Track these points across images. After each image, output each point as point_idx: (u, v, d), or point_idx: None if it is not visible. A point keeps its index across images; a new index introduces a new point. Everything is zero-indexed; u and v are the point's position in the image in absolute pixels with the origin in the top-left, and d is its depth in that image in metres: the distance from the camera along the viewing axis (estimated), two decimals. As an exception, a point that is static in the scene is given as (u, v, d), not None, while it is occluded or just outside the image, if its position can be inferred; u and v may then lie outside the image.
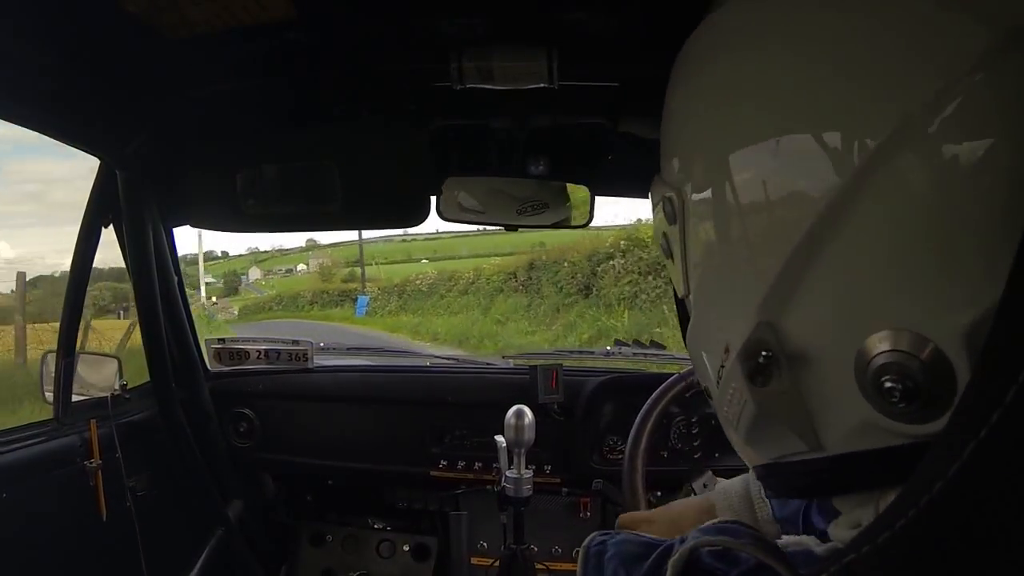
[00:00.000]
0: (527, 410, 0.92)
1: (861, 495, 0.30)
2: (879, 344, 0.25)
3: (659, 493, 1.28)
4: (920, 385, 0.24)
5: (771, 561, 0.29)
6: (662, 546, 0.34)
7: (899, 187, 0.25)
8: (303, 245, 24.41)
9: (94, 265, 1.20)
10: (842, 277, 0.26)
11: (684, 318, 0.39)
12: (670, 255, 0.37)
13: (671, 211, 0.35)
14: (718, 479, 1.18)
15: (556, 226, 1.20)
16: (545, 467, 1.32)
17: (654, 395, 1.18)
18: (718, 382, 0.33)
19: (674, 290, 0.39)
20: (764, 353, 0.29)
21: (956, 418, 0.23)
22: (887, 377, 0.25)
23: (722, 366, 0.32)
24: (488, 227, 1.19)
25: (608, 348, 1.65)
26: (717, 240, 0.32)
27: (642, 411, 1.18)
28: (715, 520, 0.36)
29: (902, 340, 0.25)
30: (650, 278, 8.27)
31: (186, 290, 1.38)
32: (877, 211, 0.25)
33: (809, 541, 0.33)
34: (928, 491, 0.22)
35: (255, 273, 23.63)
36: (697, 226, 0.33)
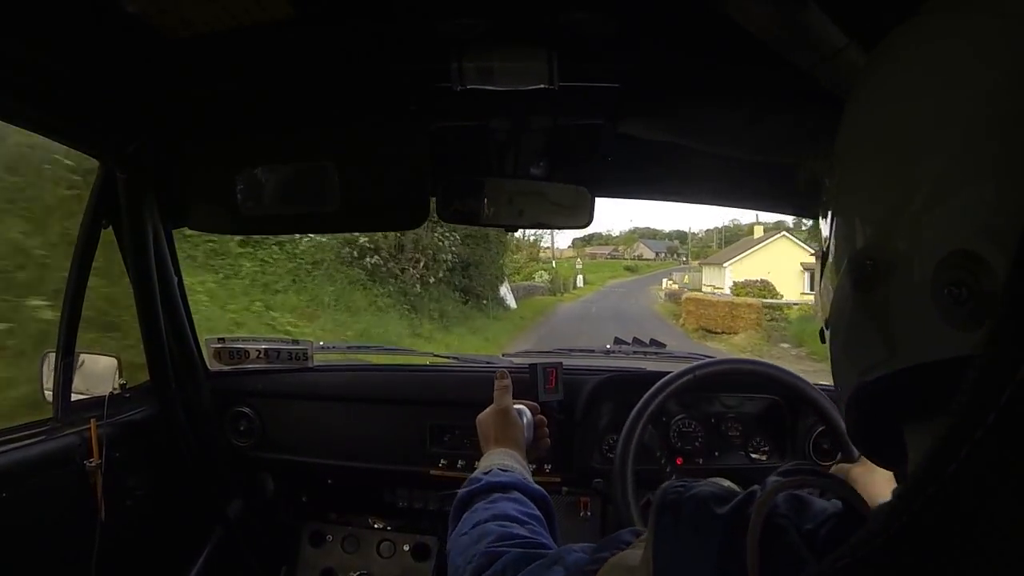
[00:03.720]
0: (525, 409, 0.93)
1: (927, 433, 0.34)
2: (948, 259, 0.31)
3: (663, 461, 1.29)
4: (972, 291, 0.30)
5: (856, 502, 0.33)
6: (747, 491, 0.36)
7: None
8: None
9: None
10: (928, 208, 0.33)
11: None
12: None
13: (830, 178, 0.42)
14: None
15: (556, 227, 1.20)
16: (545, 466, 1.32)
17: (647, 394, 1.19)
18: (834, 302, 0.40)
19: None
20: (869, 261, 0.35)
21: (951, 420, 0.23)
22: (948, 284, 0.31)
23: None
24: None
25: (608, 346, 1.65)
26: (850, 186, 0.40)
27: (634, 410, 1.18)
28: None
29: (964, 256, 0.30)
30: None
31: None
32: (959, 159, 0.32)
33: None
34: (922, 495, 0.22)
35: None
36: (844, 185, 0.41)
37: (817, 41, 0.69)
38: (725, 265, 24.46)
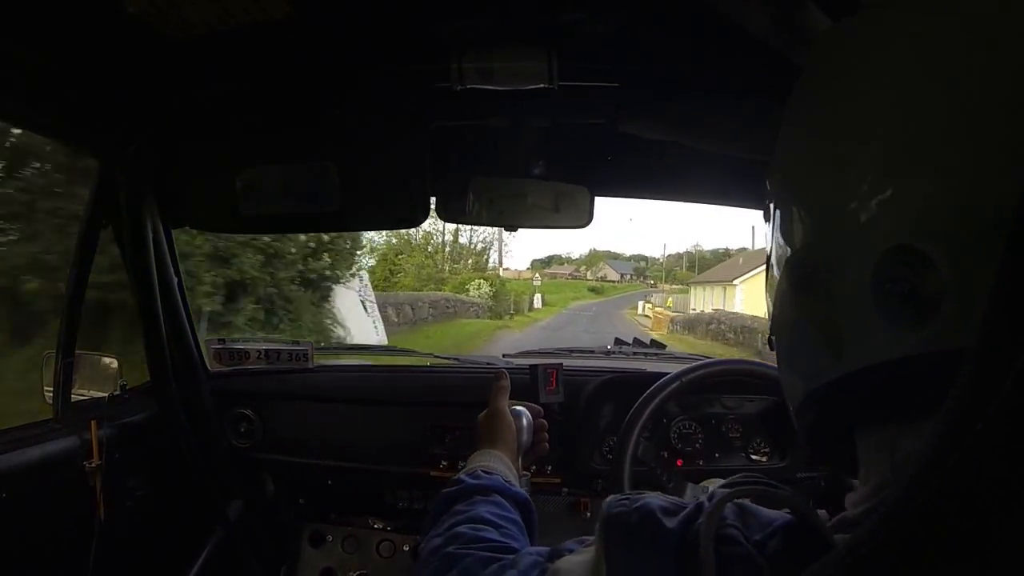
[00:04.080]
0: (524, 411, 0.92)
1: (877, 438, 0.33)
2: (888, 255, 0.30)
3: (663, 476, 1.28)
4: (914, 288, 0.29)
5: (806, 512, 0.32)
6: (695, 502, 0.35)
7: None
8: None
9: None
10: (867, 206, 0.32)
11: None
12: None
13: (770, 182, 0.42)
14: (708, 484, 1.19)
15: (557, 226, 1.20)
16: (546, 467, 1.32)
17: (645, 395, 1.18)
18: (776, 308, 0.40)
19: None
20: (808, 261, 0.35)
21: (939, 428, 0.22)
22: (889, 282, 0.30)
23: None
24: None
25: (608, 347, 1.65)
26: (788, 193, 0.39)
27: (632, 410, 1.18)
28: (740, 474, 0.39)
29: (904, 252, 0.30)
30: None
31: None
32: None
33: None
34: (913, 502, 0.22)
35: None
36: (787, 188, 0.40)
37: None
38: (736, 282, 20.36)
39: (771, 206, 0.42)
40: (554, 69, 0.88)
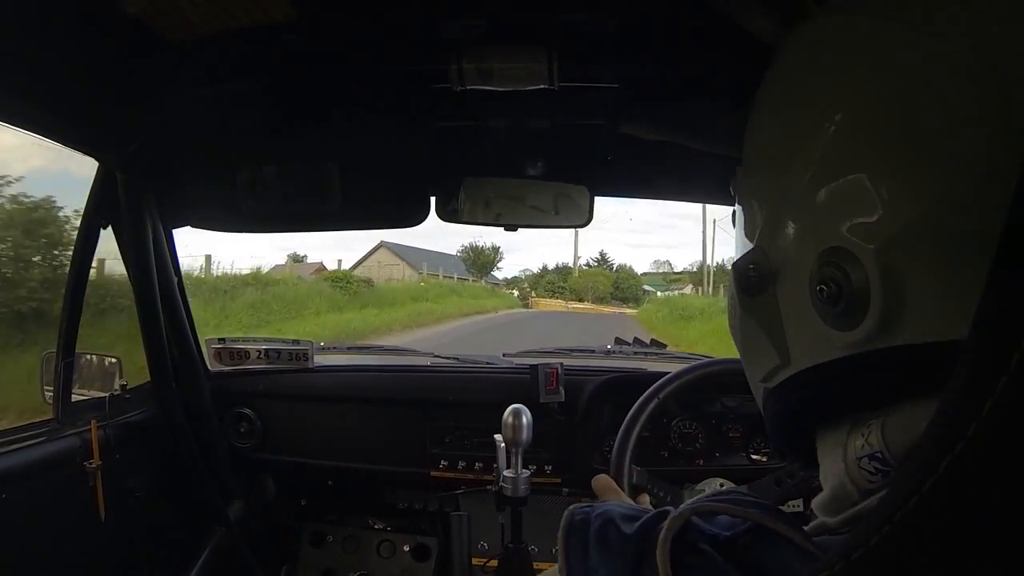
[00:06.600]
0: (524, 410, 0.92)
1: (832, 436, 0.34)
2: (821, 258, 0.32)
3: (660, 493, 1.28)
4: (843, 289, 0.30)
5: (776, 524, 0.32)
6: (656, 510, 0.35)
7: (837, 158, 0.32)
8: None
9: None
10: (802, 210, 0.33)
11: None
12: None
13: (734, 187, 0.43)
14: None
15: (557, 227, 1.20)
16: (546, 467, 1.32)
17: (645, 394, 1.18)
18: (729, 309, 0.41)
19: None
20: (751, 267, 0.36)
21: (932, 431, 0.22)
22: (821, 283, 0.31)
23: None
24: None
25: (608, 347, 1.65)
26: (744, 197, 0.40)
27: (632, 410, 1.17)
28: (714, 491, 0.37)
29: (835, 254, 0.31)
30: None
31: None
32: (820, 172, 0.32)
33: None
34: (903, 506, 0.22)
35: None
36: (743, 193, 0.41)
37: None
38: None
39: (735, 209, 0.43)
40: (554, 70, 0.88)
